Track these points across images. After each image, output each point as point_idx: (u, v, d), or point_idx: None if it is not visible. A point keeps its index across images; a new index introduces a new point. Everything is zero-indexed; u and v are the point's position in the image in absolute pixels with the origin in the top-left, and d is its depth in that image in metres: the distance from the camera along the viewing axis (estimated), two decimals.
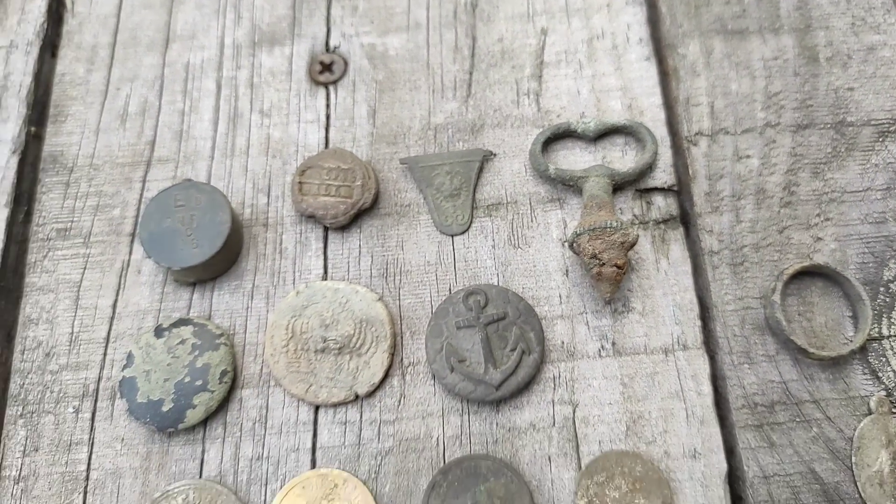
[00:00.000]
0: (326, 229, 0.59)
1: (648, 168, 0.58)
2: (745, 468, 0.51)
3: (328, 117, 0.62)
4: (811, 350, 0.52)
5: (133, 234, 0.59)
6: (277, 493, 0.51)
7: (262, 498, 0.52)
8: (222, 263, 0.57)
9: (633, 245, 0.52)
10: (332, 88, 0.63)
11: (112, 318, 0.57)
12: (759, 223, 0.57)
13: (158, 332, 0.55)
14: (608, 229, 0.52)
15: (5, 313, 0.57)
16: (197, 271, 0.56)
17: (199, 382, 0.53)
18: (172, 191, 0.57)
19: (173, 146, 0.62)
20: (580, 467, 0.51)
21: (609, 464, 0.51)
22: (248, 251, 0.58)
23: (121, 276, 0.58)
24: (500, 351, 0.53)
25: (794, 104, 0.60)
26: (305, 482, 0.51)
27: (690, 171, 0.58)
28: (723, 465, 0.51)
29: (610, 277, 0.52)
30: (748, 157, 0.59)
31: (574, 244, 0.53)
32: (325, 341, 0.54)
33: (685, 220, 0.58)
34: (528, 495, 0.50)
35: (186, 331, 0.55)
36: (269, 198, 0.60)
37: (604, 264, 0.51)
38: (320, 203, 0.57)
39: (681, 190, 0.59)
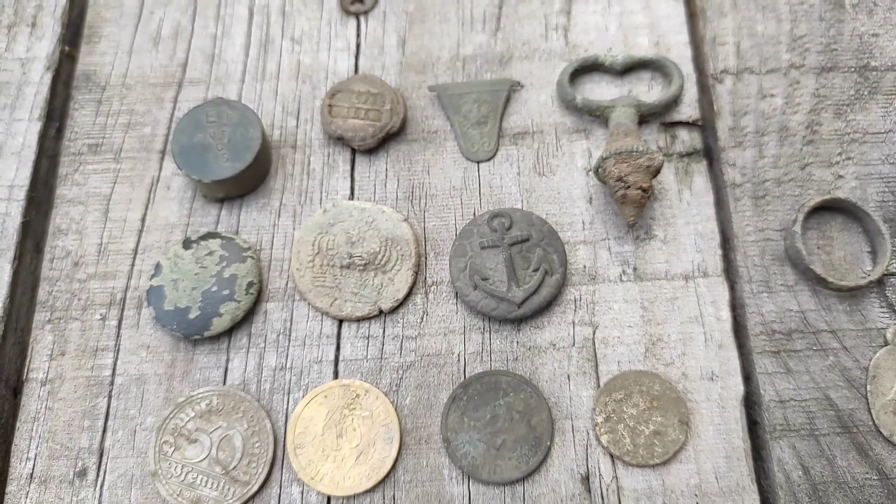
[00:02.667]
0: (354, 152, 0.59)
1: (674, 101, 0.58)
2: (762, 392, 0.51)
3: (358, 46, 0.63)
4: (830, 279, 0.52)
5: (163, 152, 0.60)
6: (300, 402, 0.52)
7: (285, 406, 0.52)
8: (251, 180, 0.58)
9: (658, 170, 0.53)
10: (362, 18, 0.64)
11: (140, 231, 0.58)
12: (782, 159, 0.57)
13: (187, 244, 0.56)
14: (634, 153, 0.52)
15: (35, 224, 0.58)
16: (226, 186, 0.56)
17: (225, 292, 0.54)
18: (205, 107, 0.57)
19: (205, 69, 0.63)
20: (598, 385, 0.52)
21: (627, 382, 0.51)
22: (276, 171, 0.59)
23: (150, 191, 0.59)
24: (523, 271, 0.53)
25: (819, 47, 0.61)
26: (328, 391, 0.52)
27: (715, 108, 0.59)
28: (739, 388, 0.52)
29: (635, 200, 0.52)
30: (772, 96, 0.59)
31: (600, 169, 0.54)
32: (350, 257, 0.55)
33: (709, 153, 0.58)
34: (547, 410, 0.51)
35: (214, 243, 0.56)
36: (297, 121, 0.60)
37: (629, 187, 0.52)
38: (349, 125, 0.58)
39: (705, 125, 0.59)
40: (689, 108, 0.59)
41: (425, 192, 0.58)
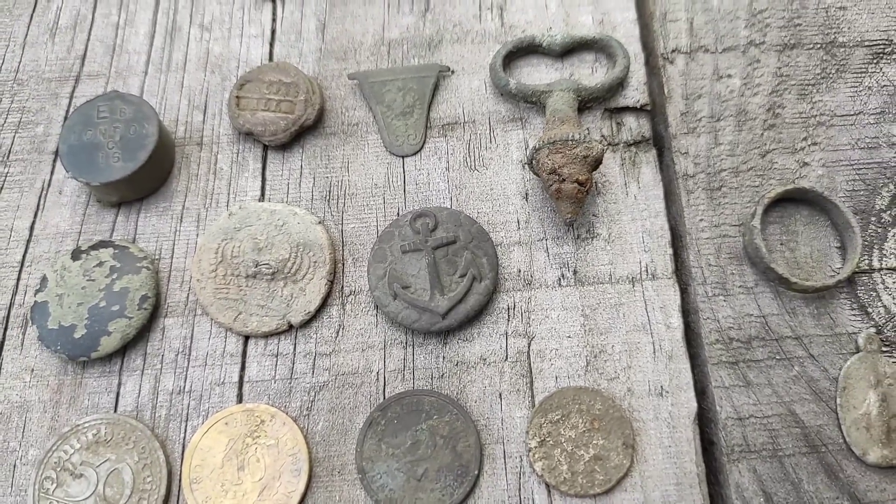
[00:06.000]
0: (266, 148, 0.54)
1: (619, 84, 0.53)
2: (718, 408, 0.46)
3: (273, 32, 0.57)
4: (794, 280, 0.46)
5: (56, 153, 0.54)
6: (198, 430, 0.46)
7: (181, 435, 0.47)
8: (148, 181, 0.52)
9: (597, 161, 0.47)
10: (278, 1, 0.58)
11: (28, 241, 0.52)
12: (740, 146, 0.52)
13: (76, 254, 0.50)
14: (570, 142, 0.47)
15: None
16: (120, 189, 0.51)
17: (115, 308, 0.48)
18: (96, 102, 0.52)
19: (105, 61, 0.57)
20: (534, 405, 0.46)
21: (565, 401, 0.46)
22: (179, 171, 0.53)
23: (41, 197, 0.53)
24: (449, 277, 0.48)
25: (781, 22, 0.55)
26: (229, 418, 0.47)
27: (665, 90, 0.53)
28: (692, 405, 0.46)
29: (570, 195, 0.47)
30: (729, 76, 0.54)
31: (533, 161, 0.48)
32: (256, 265, 0.49)
33: (658, 142, 0.53)
34: (475, 434, 0.45)
35: (105, 253, 0.50)
36: (204, 115, 0.55)
37: (564, 180, 0.46)
38: (259, 119, 0.52)
39: (654, 110, 0.54)
40: (636, 92, 0.54)
41: (344, 191, 0.52)
